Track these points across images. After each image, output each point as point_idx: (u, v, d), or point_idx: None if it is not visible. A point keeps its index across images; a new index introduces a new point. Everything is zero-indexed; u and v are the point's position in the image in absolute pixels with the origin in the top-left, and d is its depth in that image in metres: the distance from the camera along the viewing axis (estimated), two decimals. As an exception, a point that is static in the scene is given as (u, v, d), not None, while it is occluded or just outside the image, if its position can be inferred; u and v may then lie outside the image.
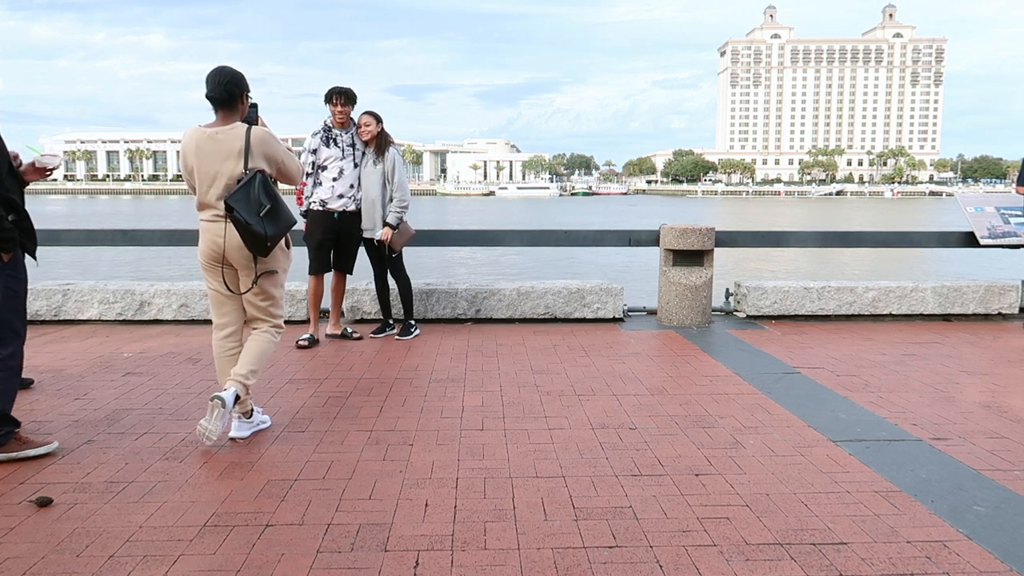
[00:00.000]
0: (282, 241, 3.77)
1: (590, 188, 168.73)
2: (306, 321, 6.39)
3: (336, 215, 6.00)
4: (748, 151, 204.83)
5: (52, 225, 7.54)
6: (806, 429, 3.97)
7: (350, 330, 6.27)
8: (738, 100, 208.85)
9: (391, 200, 6.03)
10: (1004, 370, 5.29)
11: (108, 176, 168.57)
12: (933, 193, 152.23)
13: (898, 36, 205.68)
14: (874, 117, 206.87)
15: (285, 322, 4.07)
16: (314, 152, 5.98)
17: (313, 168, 5.99)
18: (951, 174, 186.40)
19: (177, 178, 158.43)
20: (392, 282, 6.39)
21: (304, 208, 6.04)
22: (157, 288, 6.89)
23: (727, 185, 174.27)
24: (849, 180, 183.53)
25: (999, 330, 6.74)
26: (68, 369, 5.17)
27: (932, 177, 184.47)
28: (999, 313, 7.28)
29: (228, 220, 3.61)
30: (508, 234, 8.45)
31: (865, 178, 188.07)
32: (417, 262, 11.83)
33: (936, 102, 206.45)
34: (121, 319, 6.83)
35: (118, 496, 3.08)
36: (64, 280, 7.25)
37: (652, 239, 7.26)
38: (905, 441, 3.80)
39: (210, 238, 3.70)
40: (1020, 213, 7.59)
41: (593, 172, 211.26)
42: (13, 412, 3.50)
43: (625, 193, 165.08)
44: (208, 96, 3.65)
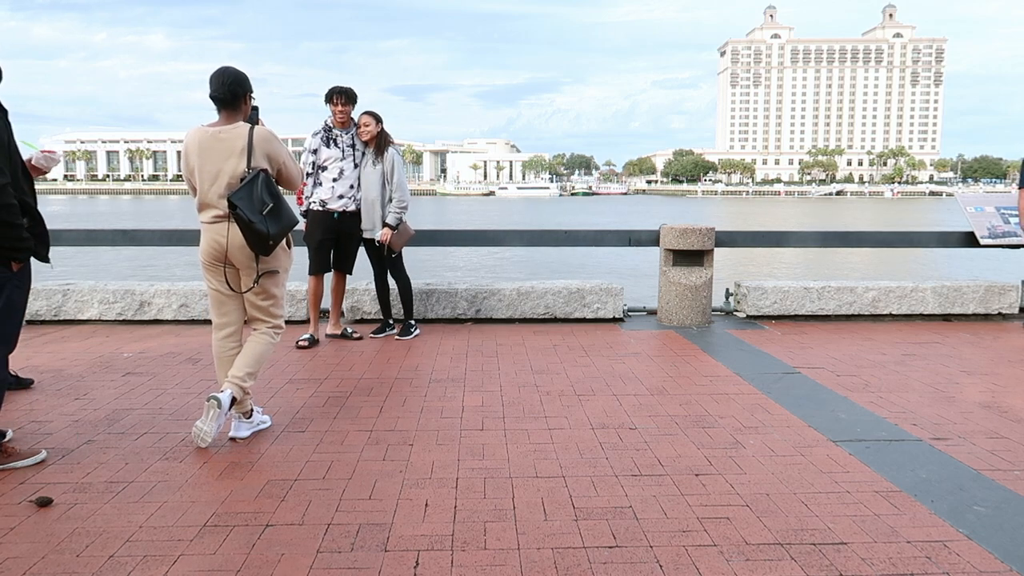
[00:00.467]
0: (283, 241, 3.78)
1: (590, 188, 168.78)
2: (306, 321, 6.39)
3: (336, 215, 6.00)
4: (748, 151, 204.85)
5: (52, 225, 7.50)
6: (806, 429, 3.97)
7: (350, 330, 6.27)
8: (738, 100, 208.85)
9: (390, 200, 6.03)
10: (1004, 370, 5.29)
11: (108, 176, 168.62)
12: (933, 193, 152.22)
13: (898, 36, 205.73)
14: (874, 117, 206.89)
15: (285, 322, 4.06)
16: (314, 152, 5.98)
17: (313, 168, 5.99)
18: (951, 174, 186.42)
19: (177, 178, 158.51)
20: (392, 282, 6.39)
21: (304, 208, 6.04)
22: (157, 288, 6.89)
23: (727, 185, 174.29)
24: (849, 180, 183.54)
25: (999, 330, 6.74)
26: (68, 369, 5.17)
27: (932, 177, 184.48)
28: (999, 313, 7.28)
29: (230, 220, 3.61)
30: (508, 234, 8.45)
31: (865, 178, 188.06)
32: (417, 262, 11.84)
33: (936, 102, 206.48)
34: (121, 319, 6.83)
35: (118, 496, 3.08)
36: (64, 280, 7.25)
37: (652, 239, 7.26)
38: (905, 441, 3.80)
39: (212, 237, 3.71)
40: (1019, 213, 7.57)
41: (593, 172, 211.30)
42: (6, 416, 3.46)
43: (625, 193, 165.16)
44: (212, 96, 3.68)
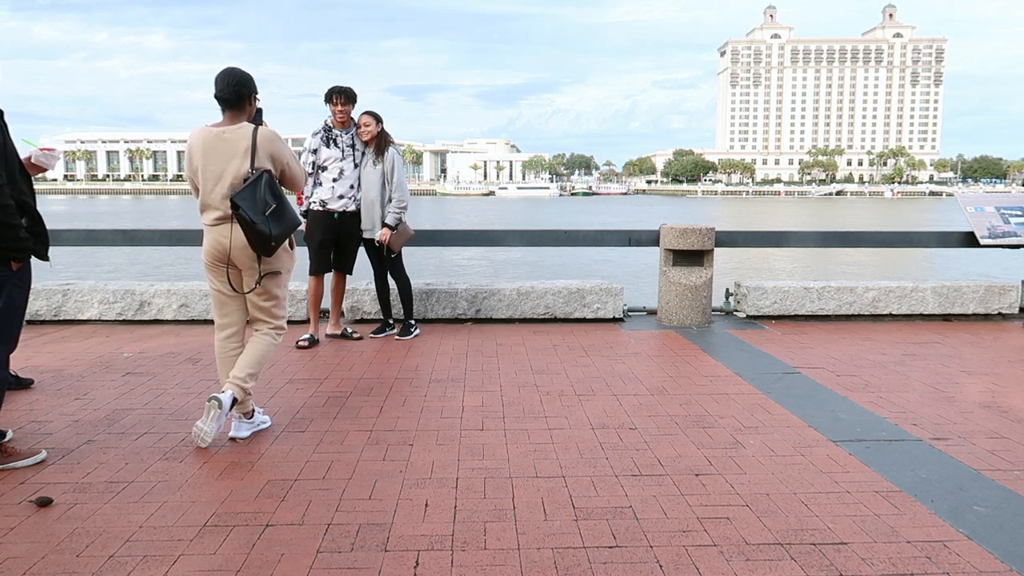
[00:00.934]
0: (285, 242, 3.78)
1: (590, 188, 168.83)
2: (306, 321, 6.39)
3: (336, 215, 6.00)
4: (748, 151, 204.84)
5: (52, 225, 7.49)
6: (806, 429, 3.97)
7: (350, 330, 6.27)
8: (738, 100, 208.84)
9: (390, 200, 6.03)
10: (1004, 370, 5.29)
11: (108, 176, 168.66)
12: (933, 193, 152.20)
13: (898, 36, 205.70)
14: (874, 117, 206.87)
15: (286, 322, 4.05)
16: (314, 152, 5.98)
17: (313, 168, 5.99)
18: (951, 174, 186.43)
19: (177, 178, 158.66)
20: (392, 282, 6.39)
21: (304, 208, 6.04)
22: (157, 288, 6.89)
23: (727, 185, 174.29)
24: (849, 180, 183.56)
25: (999, 330, 6.74)
26: (68, 369, 5.17)
27: (932, 177, 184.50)
28: (999, 313, 7.28)
29: (233, 222, 3.61)
30: (508, 234, 8.44)
31: (865, 178, 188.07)
32: (417, 262, 11.84)
33: (936, 102, 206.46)
34: (121, 319, 6.83)
35: (118, 496, 3.08)
36: (64, 280, 7.25)
37: (652, 239, 7.26)
38: (905, 441, 3.80)
39: (215, 238, 3.71)
40: (1020, 213, 7.59)
41: (593, 172, 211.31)
42: (6, 416, 3.46)
43: (625, 193, 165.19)
44: (217, 96, 3.68)
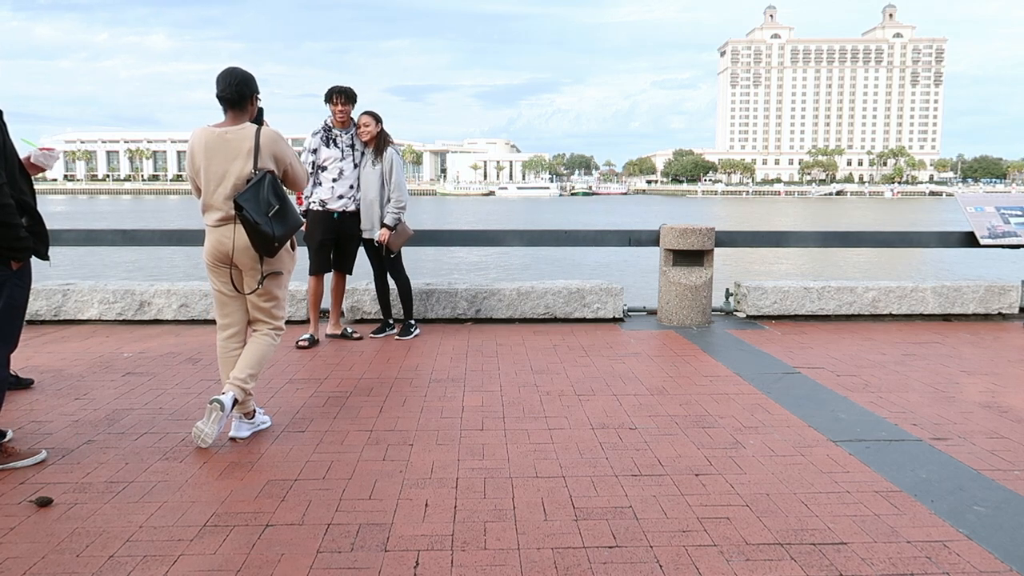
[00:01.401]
0: (288, 242, 3.77)
1: (590, 188, 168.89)
2: (306, 321, 6.39)
3: (336, 215, 6.00)
4: (748, 151, 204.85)
5: (52, 225, 7.49)
6: (806, 429, 3.97)
7: (350, 330, 6.27)
8: (738, 100, 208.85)
9: (389, 200, 6.03)
10: (1004, 370, 5.29)
11: (108, 176, 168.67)
12: (933, 193, 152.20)
13: (898, 36, 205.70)
14: (874, 117, 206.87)
15: (285, 322, 4.06)
16: (314, 152, 5.98)
17: (313, 168, 5.99)
18: (951, 174, 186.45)
19: (177, 178, 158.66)
20: (392, 282, 6.39)
21: (304, 208, 6.03)
22: (157, 288, 6.89)
23: (727, 185, 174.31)
24: (849, 180, 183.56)
25: (999, 330, 6.74)
26: (68, 369, 5.17)
27: (932, 177, 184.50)
28: (999, 313, 7.28)
29: (236, 223, 3.60)
30: (508, 234, 8.44)
31: (865, 178, 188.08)
32: (417, 262, 11.84)
33: (936, 102, 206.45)
34: (121, 319, 6.83)
35: (118, 496, 3.08)
36: (64, 280, 7.25)
37: (652, 239, 7.26)
38: (905, 441, 3.80)
39: (217, 239, 3.70)
40: (1020, 213, 7.59)
41: (593, 172, 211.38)
42: (6, 416, 3.46)
43: (625, 193, 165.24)
44: (218, 96, 3.66)
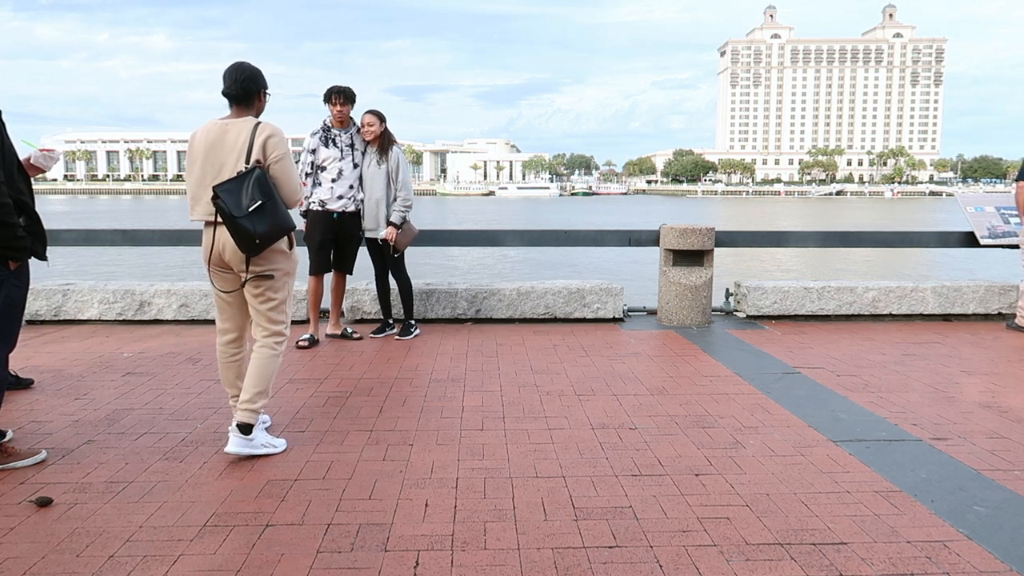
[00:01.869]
0: (283, 243, 3.60)
1: (590, 188, 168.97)
2: (306, 321, 6.38)
3: (335, 215, 6.00)
4: (748, 151, 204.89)
5: (51, 225, 7.50)
6: (806, 429, 3.97)
7: (350, 330, 6.27)
8: (738, 100, 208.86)
9: (395, 199, 6.04)
10: (1004, 370, 5.29)
11: (108, 176, 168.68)
12: (933, 193, 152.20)
13: (898, 36, 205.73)
14: (874, 117, 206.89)
15: (287, 329, 3.81)
16: (313, 152, 5.97)
17: (312, 168, 5.99)
18: (951, 174, 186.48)
19: (177, 178, 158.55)
20: (393, 282, 6.39)
21: (304, 208, 6.03)
22: (157, 288, 6.89)
23: (727, 185, 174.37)
24: (849, 180, 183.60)
25: (999, 330, 6.74)
26: (68, 369, 5.17)
27: (932, 177, 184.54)
28: (999, 313, 7.28)
29: (220, 225, 3.44)
30: (508, 234, 8.43)
31: (865, 178, 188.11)
32: (417, 262, 11.82)
33: (936, 102, 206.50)
34: (121, 319, 6.83)
35: (118, 496, 3.08)
36: (64, 280, 7.25)
37: (652, 239, 7.26)
38: (905, 441, 3.80)
39: (207, 239, 3.58)
40: (1019, 212, 7.57)
41: (593, 172, 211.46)
42: (6, 416, 3.45)
43: (625, 193, 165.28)
44: (224, 93, 3.58)
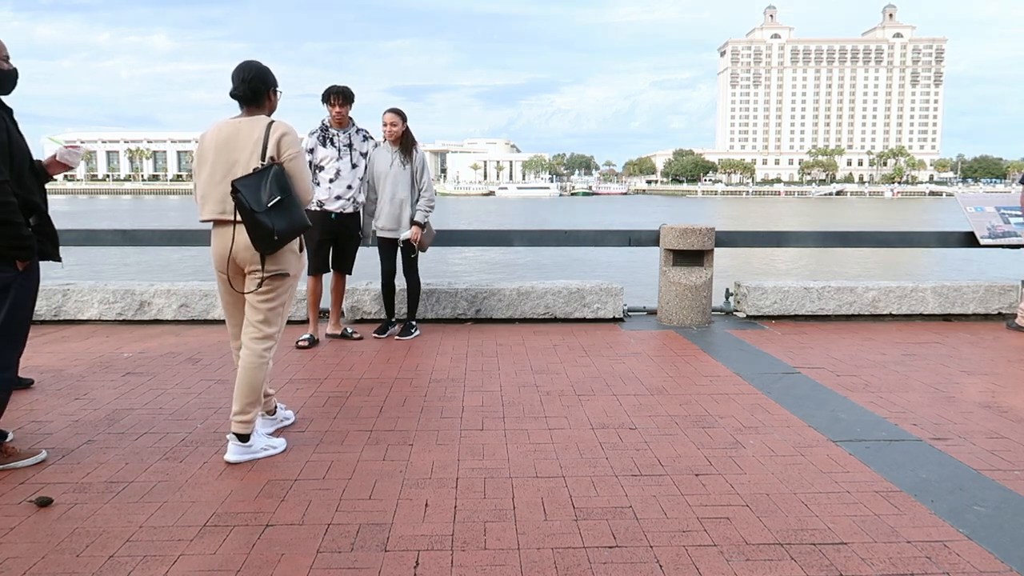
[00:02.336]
0: (295, 244, 3.57)
1: (590, 188, 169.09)
2: (306, 321, 6.38)
3: (333, 216, 5.99)
4: (748, 151, 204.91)
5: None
6: (806, 429, 3.97)
7: (350, 330, 6.27)
8: (738, 100, 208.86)
9: (418, 199, 6.13)
10: (1004, 370, 5.29)
11: (108, 176, 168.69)
12: (933, 193, 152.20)
13: (898, 36, 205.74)
14: (874, 117, 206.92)
15: (279, 334, 3.73)
16: (311, 152, 5.97)
17: (311, 168, 5.99)
18: (951, 174, 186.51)
19: (177, 178, 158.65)
20: (400, 282, 6.41)
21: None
22: (157, 288, 6.89)
23: (727, 185, 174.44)
24: (849, 180, 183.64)
25: (999, 330, 6.73)
26: (68, 369, 5.17)
27: (932, 177, 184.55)
28: (999, 313, 7.28)
29: (236, 224, 3.43)
30: (509, 234, 8.43)
31: (865, 178, 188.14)
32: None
33: (936, 102, 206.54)
34: (121, 319, 6.83)
35: (118, 496, 3.08)
36: (64, 280, 7.25)
37: (652, 239, 7.26)
38: (905, 441, 3.80)
39: (219, 240, 3.55)
40: (1020, 213, 7.58)
41: (593, 172, 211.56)
42: (6, 416, 3.45)
43: (625, 193, 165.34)
44: (232, 94, 3.55)
